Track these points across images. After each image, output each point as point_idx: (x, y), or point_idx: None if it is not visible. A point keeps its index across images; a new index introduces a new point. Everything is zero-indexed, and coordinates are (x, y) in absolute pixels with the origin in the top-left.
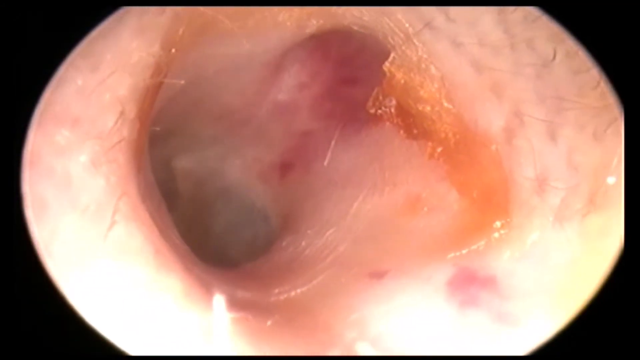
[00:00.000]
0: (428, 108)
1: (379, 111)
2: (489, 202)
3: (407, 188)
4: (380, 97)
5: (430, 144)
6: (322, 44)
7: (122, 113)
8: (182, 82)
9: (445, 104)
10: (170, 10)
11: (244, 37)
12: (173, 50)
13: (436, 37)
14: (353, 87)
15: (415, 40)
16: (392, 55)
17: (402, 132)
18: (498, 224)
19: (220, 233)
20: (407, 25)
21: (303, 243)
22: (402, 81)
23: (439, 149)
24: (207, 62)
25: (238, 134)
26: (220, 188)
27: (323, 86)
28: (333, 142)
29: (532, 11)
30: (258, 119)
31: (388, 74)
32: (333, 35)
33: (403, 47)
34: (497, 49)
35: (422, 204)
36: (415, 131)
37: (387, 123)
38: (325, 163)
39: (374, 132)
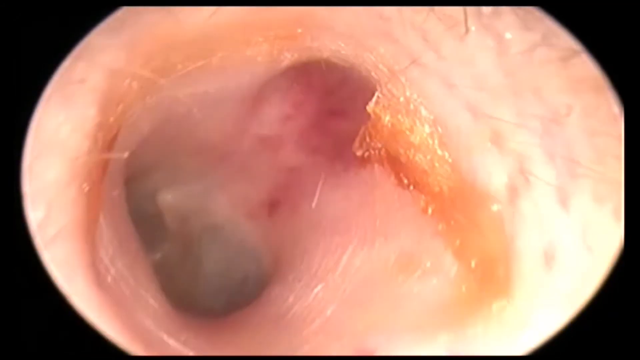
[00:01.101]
0: (420, 156)
1: (367, 153)
2: (488, 273)
3: (400, 243)
4: (367, 138)
5: (423, 197)
6: (303, 72)
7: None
8: (125, 155)
9: (439, 152)
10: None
11: (211, 76)
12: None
13: (425, 75)
14: (340, 119)
15: (401, 78)
16: (376, 94)
17: (392, 178)
18: (498, 303)
19: (209, 273)
20: (391, 61)
21: (291, 298)
22: (389, 124)
23: (433, 206)
24: (176, 102)
25: (221, 169)
26: (207, 225)
27: (308, 118)
28: (321, 181)
29: (542, 54)
30: (240, 154)
31: (373, 115)
32: (314, 63)
33: (388, 85)
34: (497, 95)
35: (415, 265)
36: (406, 181)
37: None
38: (313, 204)
39: (363, 173)
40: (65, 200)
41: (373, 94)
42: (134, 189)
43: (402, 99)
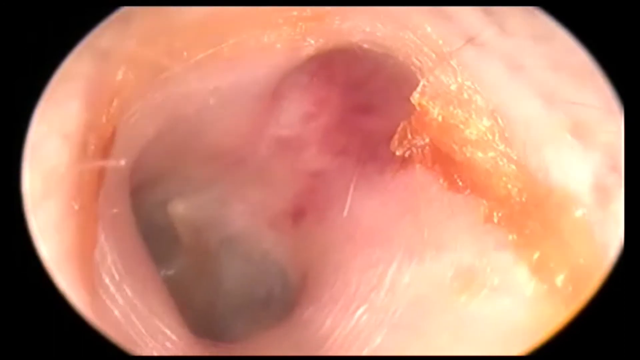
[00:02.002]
0: (479, 154)
1: (408, 152)
2: (578, 293)
3: (456, 256)
4: (409, 135)
5: (485, 202)
6: (325, 64)
7: None
8: (123, 162)
9: (503, 149)
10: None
11: (223, 67)
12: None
13: (484, 57)
14: (368, 116)
15: (453, 62)
16: (421, 82)
17: (441, 180)
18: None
19: (229, 290)
20: (440, 41)
21: (328, 322)
22: (439, 117)
23: (499, 213)
24: (183, 101)
25: (237, 175)
26: (224, 237)
27: (333, 116)
28: (351, 186)
29: None
30: (258, 158)
31: (418, 108)
32: (337, 53)
33: (436, 71)
34: (579, 76)
35: (479, 283)
36: (461, 183)
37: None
38: (345, 213)
39: (402, 176)
40: (50, 221)
41: (410, 85)
42: (142, 200)
43: (453, 86)
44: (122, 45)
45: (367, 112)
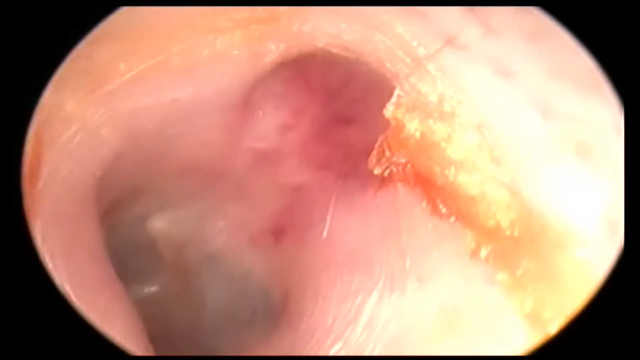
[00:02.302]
0: (464, 177)
1: (387, 171)
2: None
3: (440, 290)
4: (387, 152)
5: (471, 234)
6: (300, 71)
7: None
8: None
9: (492, 170)
10: None
11: (176, 78)
12: None
13: (467, 62)
14: (348, 127)
15: (430, 68)
16: (395, 92)
17: (424, 203)
18: None
19: (213, 309)
20: (414, 43)
21: (304, 353)
22: (417, 133)
23: (487, 247)
24: (136, 117)
25: (215, 190)
26: (206, 254)
27: (312, 126)
28: (332, 203)
29: None
30: (235, 173)
31: (393, 122)
32: (310, 59)
33: (412, 79)
34: (582, 84)
35: (465, 323)
36: (444, 210)
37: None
38: (324, 233)
39: (385, 194)
40: None
41: (388, 93)
42: (119, 217)
43: (433, 97)
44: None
45: (347, 122)
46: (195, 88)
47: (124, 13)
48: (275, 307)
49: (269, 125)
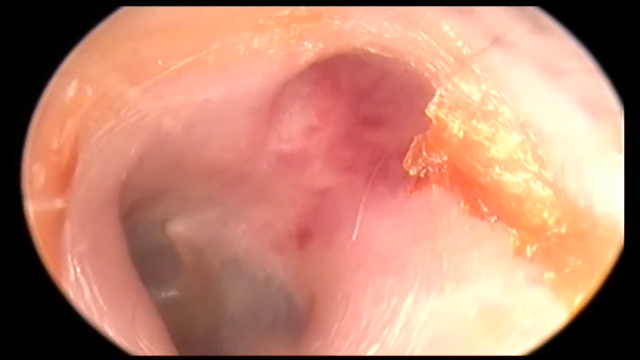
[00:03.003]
0: (508, 176)
1: (423, 172)
2: None
3: (480, 290)
4: (424, 153)
5: (515, 233)
6: (328, 72)
7: None
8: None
9: (537, 169)
10: None
11: (210, 78)
12: None
13: (513, 61)
14: (377, 129)
15: (475, 67)
16: (438, 92)
17: (462, 203)
18: None
19: (233, 314)
20: (459, 42)
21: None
22: (460, 133)
23: (533, 246)
24: (167, 117)
25: (237, 193)
26: (227, 258)
27: (338, 128)
28: (361, 206)
29: None
30: (259, 176)
31: (435, 121)
32: (341, 59)
33: (455, 79)
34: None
35: (508, 323)
36: (486, 209)
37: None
38: (354, 236)
39: (417, 196)
40: None
41: (424, 94)
42: (138, 220)
43: (476, 96)
44: (74, 54)
45: (376, 124)
46: (226, 88)
47: (168, 9)
48: (300, 311)
49: (295, 127)
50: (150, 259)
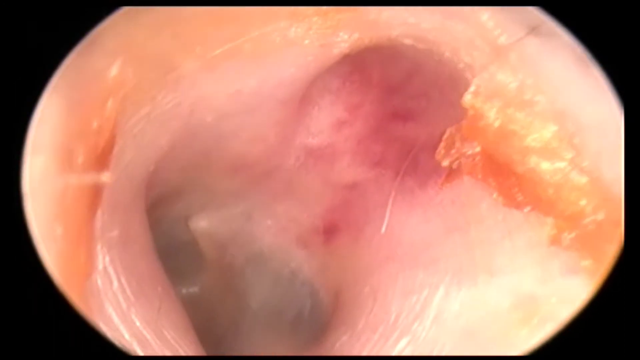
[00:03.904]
0: (545, 164)
1: (456, 163)
2: None
3: (514, 282)
4: (457, 143)
5: (551, 221)
6: (358, 66)
7: None
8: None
9: (572, 158)
10: None
11: (244, 67)
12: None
13: (549, 49)
14: (406, 122)
15: (511, 56)
16: (474, 81)
17: (496, 195)
18: None
19: (256, 310)
20: (497, 32)
21: (364, 353)
22: (497, 122)
23: (571, 234)
24: (199, 107)
25: (263, 188)
26: (251, 253)
27: (368, 123)
28: (390, 200)
29: None
30: (286, 170)
31: (471, 111)
32: (373, 52)
33: (491, 68)
34: None
35: (544, 314)
36: (521, 198)
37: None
38: (383, 230)
39: (448, 189)
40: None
41: (456, 86)
42: (162, 215)
43: (513, 85)
44: (117, 32)
45: (406, 118)
46: (259, 79)
47: None
48: (324, 307)
49: (324, 121)
50: (172, 255)
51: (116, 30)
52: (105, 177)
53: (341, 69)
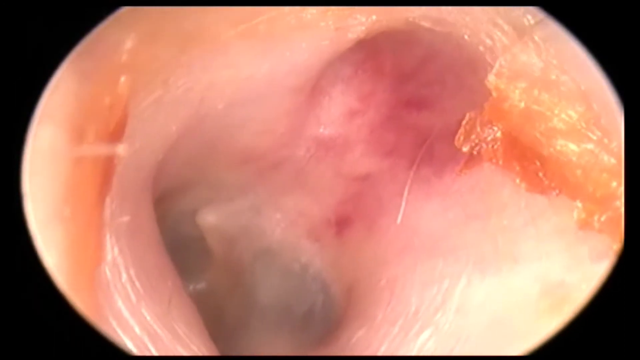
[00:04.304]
0: (572, 146)
1: (477, 149)
2: None
3: (541, 269)
4: (478, 128)
5: (580, 205)
6: (370, 54)
7: None
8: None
9: (600, 139)
10: None
11: (258, 50)
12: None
13: None
14: (421, 110)
15: (536, 37)
16: (498, 62)
17: (519, 180)
18: None
19: (265, 306)
20: (520, 11)
21: (384, 347)
22: (521, 104)
23: (602, 217)
24: (210, 93)
25: (272, 181)
26: (260, 248)
27: (380, 112)
28: (406, 190)
29: None
30: (296, 162)
31: (495, 92)
32: (386, 38)
33: (514, 49)
34: None
35: (574, 302)
36: (546, 182)
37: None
38: (399, 220)
39: (466, 177)
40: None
41: (474, 71)
42: (168, 209)
43: (536, 66)
44: (133, 8)
45: (420, 106)
46: (271, 65)
47: None
48: (336, 302)
49: (335, 110)
50: (178, 251)
51: (132, 7)
52: (121, 149)
53: (353, 56)
